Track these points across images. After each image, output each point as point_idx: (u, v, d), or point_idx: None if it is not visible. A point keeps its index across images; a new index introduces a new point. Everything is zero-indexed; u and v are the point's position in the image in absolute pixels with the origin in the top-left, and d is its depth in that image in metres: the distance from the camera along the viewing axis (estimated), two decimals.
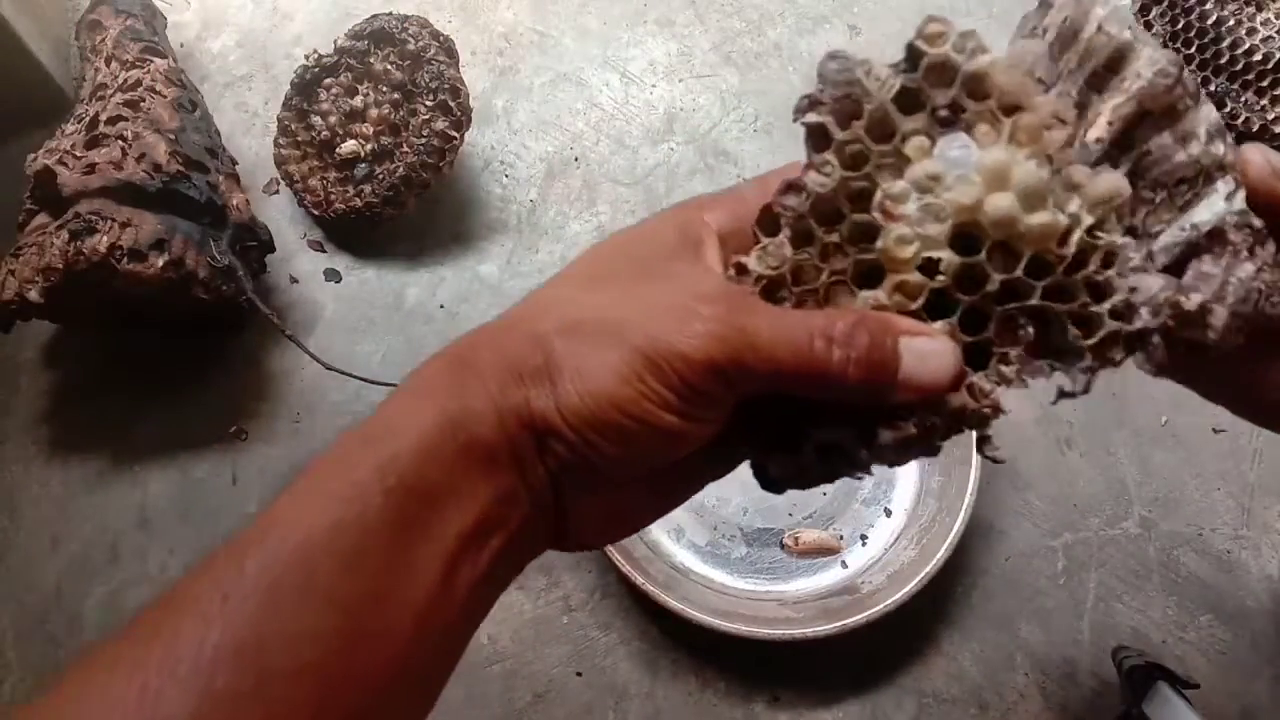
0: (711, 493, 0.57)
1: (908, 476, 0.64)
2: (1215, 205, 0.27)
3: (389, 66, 0.71)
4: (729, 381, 0.26)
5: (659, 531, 0.63)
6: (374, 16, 0.72)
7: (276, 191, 0.76)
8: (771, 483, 0.30)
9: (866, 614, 0.56)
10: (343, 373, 0.65)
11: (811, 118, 0.28)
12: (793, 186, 0.28)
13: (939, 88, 0.27)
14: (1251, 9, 0.71)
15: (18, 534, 0.64)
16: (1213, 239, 0.27)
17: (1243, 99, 0.72)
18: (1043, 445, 0.66)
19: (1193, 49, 0.73)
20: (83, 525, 0.65)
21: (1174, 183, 0.27)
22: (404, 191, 0.69)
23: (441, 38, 0.71)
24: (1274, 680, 0.59)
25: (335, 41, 0.73)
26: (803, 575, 0.62)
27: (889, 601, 0.56)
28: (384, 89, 0.72)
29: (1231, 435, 0.65)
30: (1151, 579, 0.62)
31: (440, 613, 0.26)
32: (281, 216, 0.74)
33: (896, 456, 0.28)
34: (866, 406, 0.27)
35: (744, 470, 0.33)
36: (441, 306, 0.71)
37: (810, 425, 0.28)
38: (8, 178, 0.67)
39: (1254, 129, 0.72)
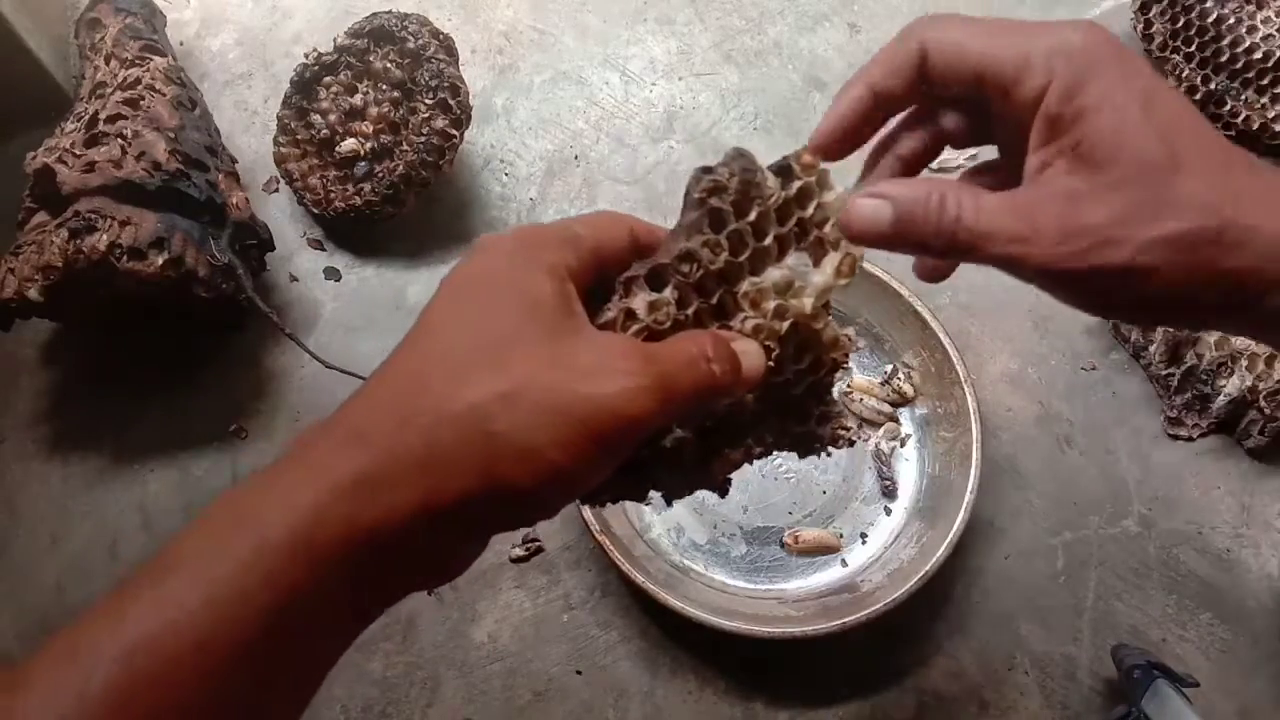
0: None
1: (908, 476, 0.64)
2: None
3: (389, 65, 0.71)
4: (665, 419, 0.30)
5: (659, 530, 0.63)
6: (374, 14, 0.72)
7: (276, 190, 0.76)
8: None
9: (866, 612, 0.56)
10: (343, 371, 0.65)
11: (714, 202, 0.33)
12: (688, 256, 0.33)
13: (801, 206, 0.34)
14: (1252, 7, 0.71)
15: (18, 532, 0.64)
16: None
17: (1243, 97, 0.72)
18: (1043, 444, 0.66)
19: (1193, 47, 0.73)
20: (83, 524, 0.65)
21: None
22: (404, 190, 0.69)
23: (441, 36, 0.71)
24: (1273, 678, 0.59)
25: (335, 40, 0.73)
26: (802, 573, 0.62)
27: (889, 600, 0.56)
28: (384, 87, 0.72)
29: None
30: (1151, 577, 0.62)
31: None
32: (281, 215, 0.74)
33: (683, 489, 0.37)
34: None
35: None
36: None
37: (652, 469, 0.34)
38: (8, 176, 0.67)
39: (1254, 127, 0.72)
